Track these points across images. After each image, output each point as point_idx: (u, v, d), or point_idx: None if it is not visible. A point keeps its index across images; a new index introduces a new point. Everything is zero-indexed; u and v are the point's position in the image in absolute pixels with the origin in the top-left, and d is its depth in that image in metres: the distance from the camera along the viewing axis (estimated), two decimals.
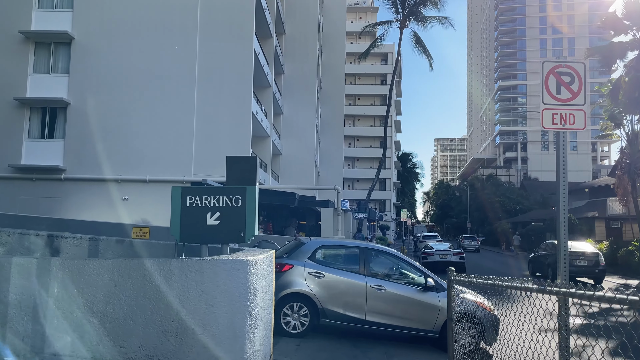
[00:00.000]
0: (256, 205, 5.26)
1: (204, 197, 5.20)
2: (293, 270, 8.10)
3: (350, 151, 63.12)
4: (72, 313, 4.10)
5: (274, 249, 13.30)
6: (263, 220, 26.26)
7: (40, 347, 4.08)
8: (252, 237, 5.26)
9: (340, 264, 8.53)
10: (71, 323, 4.10)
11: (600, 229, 32.12)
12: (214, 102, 20.44)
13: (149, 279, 4.26)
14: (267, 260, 5.27)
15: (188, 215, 5.16)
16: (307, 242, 8.77)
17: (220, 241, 5.26)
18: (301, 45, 34.88)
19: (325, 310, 7.96)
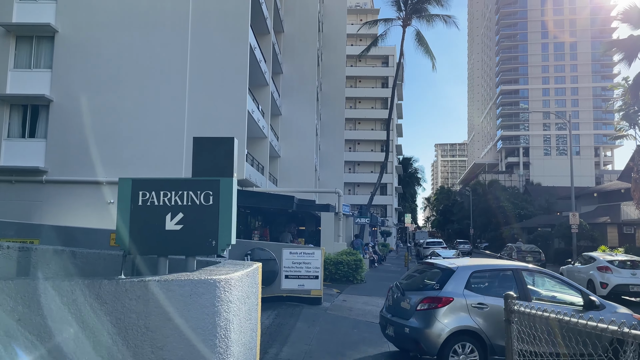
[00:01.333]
0: (233, 204, 3.90)
1: (162, 192, 3.83)
2: (454, 304, 6.94)
3: (351, 155, 61.80)
4: None
5: (269, 258, 11.95)
6: (259, 225, 24.88)
7: None
8: (227, 247, 3.89)
9: (497, 290, 7.30)
10: None
11: (613, 234, 30.73)
12: (207, 99, 19.11)
13: (68, 310, 2.90)
14: (249, 279, 3.91)
15: (140, 216, 3.80)
16: (455, 268, 7.47)
17: (184, 252, 3.89)
18: (300, 45, 33.62)
19: (494, 346, 6.80)
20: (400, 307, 7.43)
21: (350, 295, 14.60)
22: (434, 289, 7.21)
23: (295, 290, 11.83)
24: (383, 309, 8.24)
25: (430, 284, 7.49)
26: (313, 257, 11.97)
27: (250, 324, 3.99)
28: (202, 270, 3.60)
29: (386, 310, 8.03)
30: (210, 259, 4.86)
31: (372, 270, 24.24)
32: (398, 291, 7.73)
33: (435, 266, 7.93)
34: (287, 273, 11.87)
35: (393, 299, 7.82)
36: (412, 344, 7.07)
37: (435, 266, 7.96)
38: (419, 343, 6.90)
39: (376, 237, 44.63)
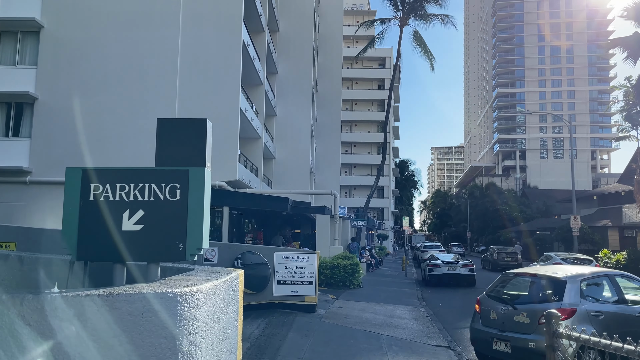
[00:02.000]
0: (206, 199, 3.22)
1: (118, 185, 3.16)
2: (577, 315, 6.69)
3: (347, 157, 61.17)
4: None
5: (260, 262, 11.25)
6: (253, 228, 24.17)
7: None
8: (198, 251, 3.21)
9: (603, 297, 7.31)
10: None
11: (614, 238, 30.17)
12: (198, 97, 18.42)
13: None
14: (225, 290, 3.24)
15: (91, 214, 3.12)
16: (565, 278, 7.21)
17: (145, 258, 3.20)
18: (296, 44, 32.99)
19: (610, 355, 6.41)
20: (514, 320, 7.08)
21: (346, 301, 13.91)
22: (553, 300, 6.91)
23: (288, 297, 11.14)
24: (477, 323, 7.83)
25: (544, 296, 7.20)
26: (307, 262, 11.28)
27: (227, 345, 3.30)
28: (163, 281, 2.91)
29: (484, 325, 7.62)
30: (183, 265, 4.17)
31: (369, 275, 23.57)
32: (500, 304, 7.49)
33: (538, 276, 7.67)
34: (279, 278, 11.18)
35: (497, 313, 7.41)
36: (538, 358, 6.39)
37: (537, 276, 7.68)
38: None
39: (373, 240, 43.97)
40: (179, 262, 4.05)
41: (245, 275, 10.49)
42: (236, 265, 11.10)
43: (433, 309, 13.80)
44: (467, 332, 10.74)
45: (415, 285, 20.59)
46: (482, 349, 7.75)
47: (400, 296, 16.54)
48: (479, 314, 7.88)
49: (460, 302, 15.82)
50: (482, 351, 7.76)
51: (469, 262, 20.66)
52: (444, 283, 20.44)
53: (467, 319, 12.35)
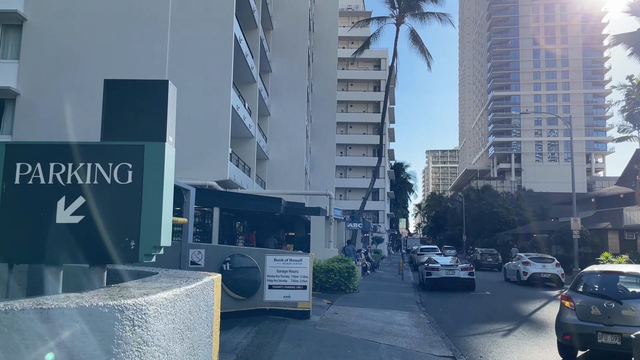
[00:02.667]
0: (166, 184, 2.50)
1: (52, 164, 2.44)
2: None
3: (342, 160, 60.49)
4: None
5: (250, 265, 10.52)
6: (245, 230, 23.41)
7: None
8: (155, 250, 2.49)
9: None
10: None
11: (614, 240, 29.61)
12: (188, 92, 17.65)
13: None
14: (191, 301, 2.53)
15: (17, 202, 2.40)
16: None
17: (85, 258, 2.47)
18: (290, 43, 32.34)
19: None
20: (621, 315, 7.56)
21: (342, 306, 13.19)
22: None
23: (280, 303, 10.41)
24: (571, 319, 8.16)
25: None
26: (301, 265, 10.56)
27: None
28: (102, 290, 2.20)
29: (582, 319, 7.96)
30: (146, 269, 3.45)
31: (365, 279, 22.85)
32: (601, 299, 7.91)
33: (627, 274, 8.40)
34: (271, 283, 10.44)
35: (600, 308, 7.79)
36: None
37: (626, 274, 8.41)
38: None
39: (368, 243, 43.28)
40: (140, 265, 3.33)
41: (235, 279, 9.70)
42: (225, 269, 10.37)
43: (433, 315, 13.11)
44: (471, 340, 10.07)
45: (413, 289, 19.89)
46: (583, 342, 8.04)
47: (398, 301, 15.83)
48: (573, 310, 8.16)
49: (461, 307, 15.14)
50: (584, 344, 8.10)
51: (469, 265, 19.99)
52: (443, 287, 19.76)
53: (471, 326, 11.71)
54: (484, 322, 12.28)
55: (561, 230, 29.98)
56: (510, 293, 19.55)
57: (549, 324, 11.79)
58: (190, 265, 10.39)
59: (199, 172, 17.11)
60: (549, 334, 10.71)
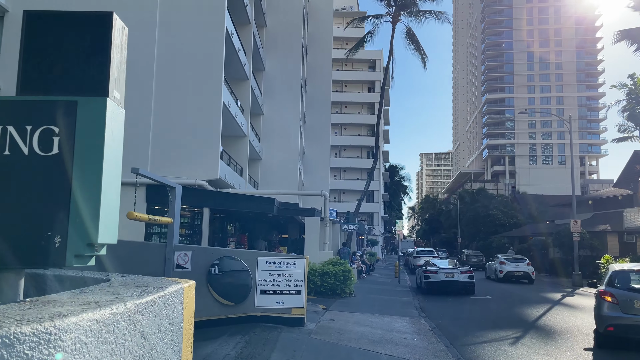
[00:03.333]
0: (109, 156, 1.74)
1: None
2: None
3: (337, 161, 59.84)
4: None
5: (240, 269, 9.79)
6: (237, 232, 22.65)
7: None
8: (91, 250, 1.74)
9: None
10: None
11: (613, 243, 29.09)
12: (176, 87, 16.94)
13: None
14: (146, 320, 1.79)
15: None
16: None
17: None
18: (284, 41, 31.64)
19: None
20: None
21: (338, 312, 12.47)
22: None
23: (273, 309, 9.67)
24: (614, 312, 8.96)
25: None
26: (295, 268, 9.84)
27: None
28: (3, 308, 1.47)
29: (626, 312, 8.83)
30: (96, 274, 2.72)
31: (361, 282, 22.14)
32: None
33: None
34: (262, 287, 9.71)
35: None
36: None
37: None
38: None
39: (363, 245, 42.60)
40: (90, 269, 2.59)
41: (224, 284, 8.93)
42: (213, 272, 9.63)
43: (435, 321, 12.41)
44: (478, 349, 9.37)
45: (411, 293, 19.21)
46: (628, 332, 8.90)
47: (396, 306, 15.14)
48: (616, 304, 8.99)
49: (463, 312, 14.46)
50: (629, 334, 8.93)
51: (469, 269, 19.33)
52: (442, 291, 19.10)
53: (475, 333, 11.01)
54: (489, 328, 11.60)
55: (559, 232, 29.43)
56: (511, 297, 18.93)
57: (558, 331, 11.14)
58: (175, 268, 9.65)
59: (188, 170, 16.35)
60: (560, 342, 10.06)
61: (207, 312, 9.54)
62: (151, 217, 8.59)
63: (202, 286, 9.59)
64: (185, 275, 9.62)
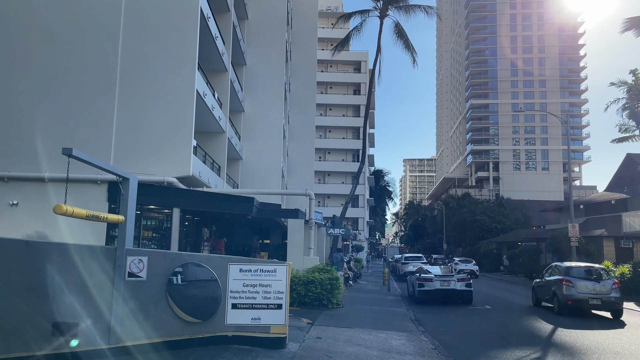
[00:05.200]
0: None
1: None
2: None
3: (321, 165, 58.23)
4: None
5: (208, 278, 7.97)
6: (213, 236, 20.79)
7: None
8: None
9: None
10: None
11: (610, 248, 27.94)
12: (144, 72, 15.14)
13: None
14: None
15: None
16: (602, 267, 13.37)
17: None
18: (267, 35, 29.99)
19: None
20: (599, 288, 14.26)
21: (326, 327, 10.76)
22: (608, 279, 14.71)
23: (247, 327, 7.93)
24: (570, 290, 14.26)
25: (603, 276, 14.97)
26: (274, 277, 8.12)
27: None
28: None
29: (579, 292, 14.22)
30: None
31: (348, 290, 20.45)
32: (586, 281, 14.45)
33: (591, 266, 15.41)
34: (235, 301, 7.96)
35: (588, 285, 14.36)
36: (613, 305, 14.18)
37: (590, 266, 15.39)
38: None
39: (348, 251, 40.95)
40: None
41: (188, 296, 6.90)
42: (174, 282, 7.86)
43: (436, 337, 10.78)
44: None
45: (404, 303, 17.57)
46: (579, 305, 14.32)
47: (390, 318, 13.48)
48: (571, 286, 14.44)
49: (465, 326, 12.84)
50: (578, 306, 14.33)
51: (466, 276, 17.77)
52: (437, 300, 17.52)
53: (488, 353, 9.21)
54: (501, 346, 10.00)
55: (554, 237, 28.16)
56: (512, 307, 17.42)
57: (581, 350, 9.58)
58: (127, 278, 7.84)
59: (155, 166, 14.54)
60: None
61: (166, 332, 7.77)
62: (90, 212, 6.78)
63: (161, 299, 7.81)
64: (140, 287, 7.83)
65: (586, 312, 14.75)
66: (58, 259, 7.72)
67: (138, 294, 7.78)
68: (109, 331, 7.61)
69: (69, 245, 7.83)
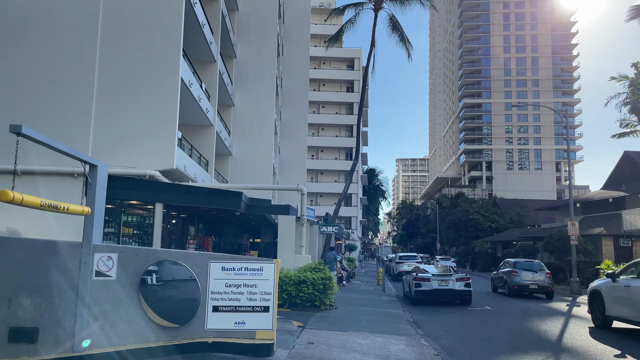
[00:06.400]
0: None
1: None
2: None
3: (314, 163, 57.38)
4: None
5: (186, 278, 7.00)
6: (199, 233, 19.88)
7: None
8: None
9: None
10: None
11: (608, 247, 27.31)
12: (125, 58, 14.21)
13: None
14: None
15: None
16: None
17: None
18: (258, 27, 29.08)
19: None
20: (537, 276, 19.82)
21: (318, 331, 9.91)
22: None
23: (230, 332, 7.07)
24: (517, 279, 19.98)
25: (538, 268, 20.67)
26: (261, 276, 7.26)
27: None
28: None
29: (522, 279, 19.75)
30: None
31: (342, 291, 19.63)
32: (528, 271, 20.07)
33: (531, 260, 21.83)
34: (217, 303, 7.10)
35: (528, 275, 19.87)
36: (546, 289, 19.71)
37: (530, 260, 21.42)
38: None
39: (341, 250, 40.14)
40: None
41: (163, 298, 5.96)
42: (148, 282, 6.99)
43: (437, 341, 9.98)
44: None
45: (400, 304, 16.77)
46: (522, 289, 19.97)
47: (386, 320, 12.65)
48: (517, 275, 20.17)
49: (468, 329, 12.02)
50: (522, 290, 19.98)
51: (465, 276, 16.98)
52: (434, 300, 16.75)
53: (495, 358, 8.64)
54: (508, 351, 9.20)
55: (552, 236, 27.48)
56: (513, 308, 16.66)
57: (593, 356, 8.81)
58: (94, 277, 6.96)
59: (136, 158, 13.62)
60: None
61: (138, 338, 6.89)
62: (46, 201, 5.87)
63: (133, 301, 6.93)
64: (109, 287, 6.95)
65: (528, 294, 20.54)
66: (15, 255, 6.83)
67: (107, 295, 6.90)
68: (73, 337, 6.74)
69: (27, 240, 6.94)
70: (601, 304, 11.49)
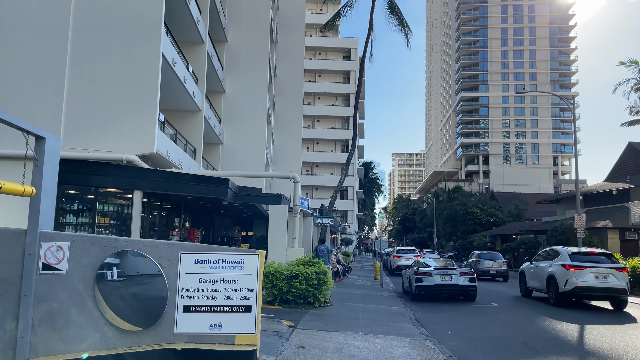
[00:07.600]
0: None
1: None
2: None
3: (309, 155, 56.22)
4: None
5: (152, 272, 5.93)
6: (185, 224, 18.70)
7: None
8: None
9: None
10: None
11: (614, 240, 26.35)
12: (101, 32, 12.97)
13: None
14: None
15: None
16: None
17: None
18: (250, 9, 27.85)
19: None
20: (495, 265, 25.65)
21: (310, 332, 8.79)
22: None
23: (205, 337, 5.92)
24: (483, 266, 26.03)
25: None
26: (242, 270, 6.10)
27: None
28: None
29: (486, 267, 25.87)
30: None
31: (337, 286, 18.53)
32: (488, 260, 26.07)
33: (486, 252, 26.94)
34: (188, 302, 5.94)
35: (488, 263, 25.77)
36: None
37: (485, 252, 26.55)
38: None
39: (337, 244, 39.07)
40: None
41: (124, 296, 5.03)
42: (107, 277, 5.83)
43: (444, 342, 8.91)
44: None
45: (400, 300, 15.70)
46: (484, 274, 25.63)
47: (386, 319, 11.55)
48: (481, 263, 26.17)
49: (476, 328, 10.92)
50: (484, 275, 25.60)
51: (469, 270, 15.91)
52: (436, 296, 15.68)
53: None
54: (525, 355, 8.10)
55: (556, 229, 26.48)
56: (521, 304, 15.59)
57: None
58: (41, 271, 5.80)
59: (112, 142, 12.42)
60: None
61: (95, 344, 5.73)
62: None
63: (88, 299, 5.77)
64: (59, 283, 5.79)
65: (489, 278, 25.54)
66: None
67: (56, 292, 5.75)
68: (14, 343, 5.61)
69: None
70: (524, 280, 16.81)
